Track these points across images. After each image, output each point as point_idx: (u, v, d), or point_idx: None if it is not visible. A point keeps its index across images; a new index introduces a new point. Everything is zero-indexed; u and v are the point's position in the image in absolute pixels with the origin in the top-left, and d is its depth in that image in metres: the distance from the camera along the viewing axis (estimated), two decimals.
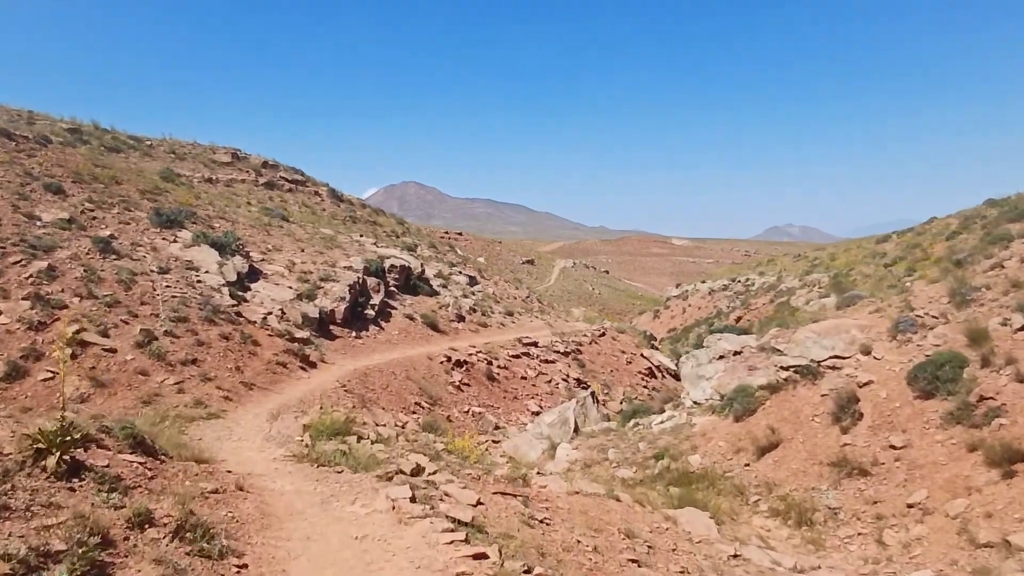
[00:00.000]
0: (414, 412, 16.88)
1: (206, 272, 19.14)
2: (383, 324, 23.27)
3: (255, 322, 17.41)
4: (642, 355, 31.87)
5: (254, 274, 21.31)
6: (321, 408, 12.41)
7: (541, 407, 22.29)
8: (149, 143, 43.39)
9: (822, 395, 13.44)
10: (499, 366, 23.28)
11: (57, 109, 36.14)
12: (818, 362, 14.25)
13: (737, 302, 69.74)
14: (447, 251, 49.85)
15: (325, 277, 22.85)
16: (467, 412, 19.24)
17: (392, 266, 27.44)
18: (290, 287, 21.37)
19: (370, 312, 23.01)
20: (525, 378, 23.82)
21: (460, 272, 34.77)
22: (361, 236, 33.27)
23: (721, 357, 16.50)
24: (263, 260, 22.86)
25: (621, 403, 26.46)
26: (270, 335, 17.00)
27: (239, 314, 17.45)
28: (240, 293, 19.18)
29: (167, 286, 16.70)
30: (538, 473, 13.22)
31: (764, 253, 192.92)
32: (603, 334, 31.75)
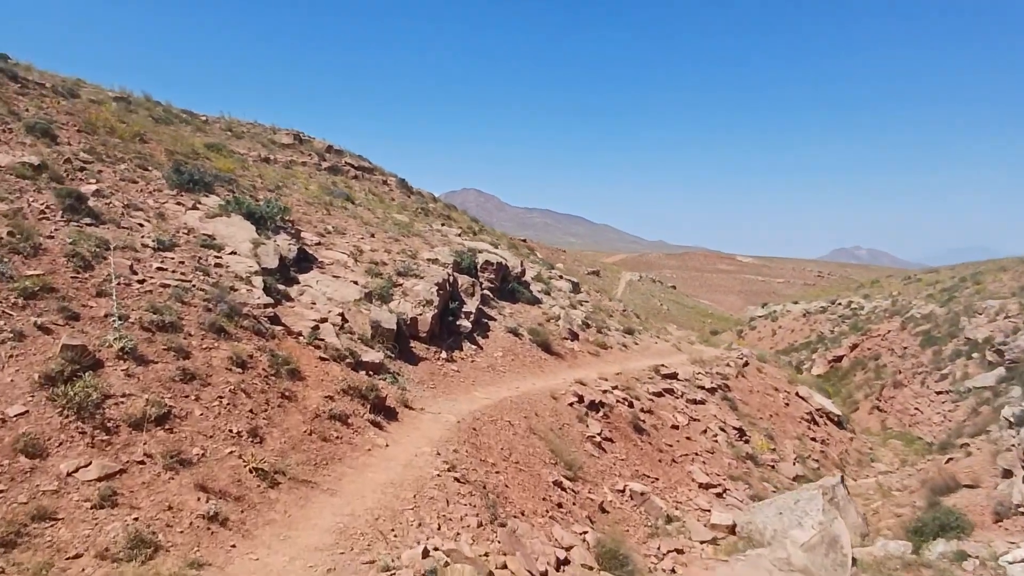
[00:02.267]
0: (559, 505, 9.66)
1: (231, 253, 12.34)
2: (480, 341, 16.20)
3: (299, 334, 10.50)
4: (797, 394, 24.17)
5: (305, 261, 14.50)
6: (424, 549, 5.31)
7: (708, 475, 14.93)
8: (204, 119, 37.49)
9: None
10: (642, 409, 15.98)
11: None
12: None
13: (844, 326, 61.00)
14: (528, 253, 42.75)
15: (404, 271, 15.92)
16: (622, 492, 11.96)
17: (487, 263, 20.39)
18: (355, 282, 14.49)
19: (464, 323, 15.95)
20: (676, 427, 16.45)
21: (560, 276, 27.61)
22: (443, 225, 26.43)
23: None
24: (319, 244, 16.06)
25: (794, 463, 18.88)
26: (323, 359, 10.03)
27: (275, 320, 10.58)
28: (282, 287, 12.36)
29: (159, 268, 9.92)
30: None
31: (837, 275, 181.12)
32: (746, 363, 24.16)
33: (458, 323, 15.83)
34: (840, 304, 69.90)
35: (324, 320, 11.75)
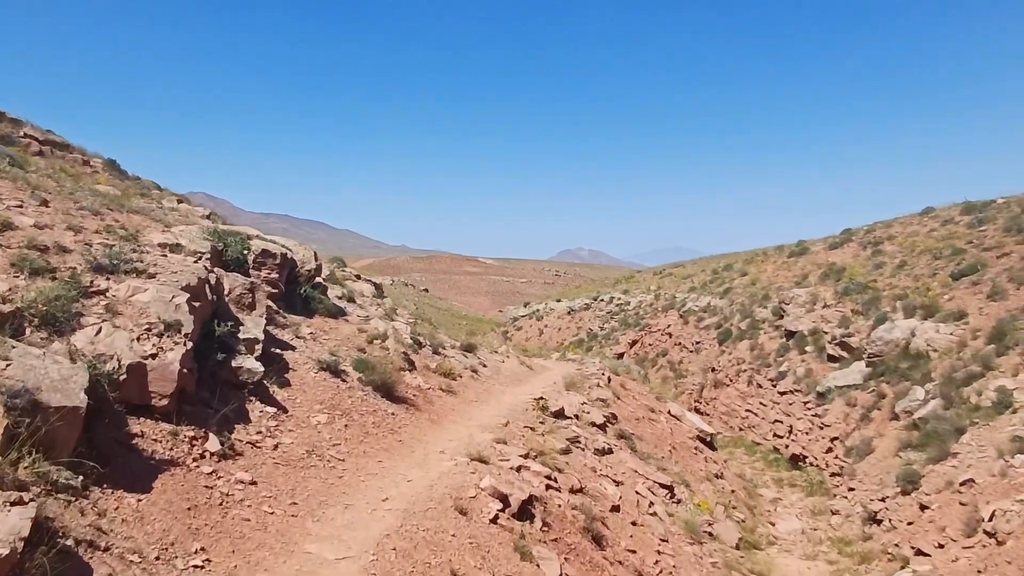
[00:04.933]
0: None
1: None
2: (280, 395, 8.22)
3: None
4: (670, 413, 19.00)
5: None
6: None
7: None
8: None
9: None
10: (573, 489, 9.18)
11: None
12: None
13: (614, 322, 59.62)
14: None
15: (111, 264, 7.38)
16: None
17: (266, 254, 12.06)
18: None
19: (250, 365, 7.82)
20: (617, 508, 9.92)
21: (358, 276, 19.69)
22: (180, 203, 17.20)
23: None
24: None
25: (725, 518, 13.30)
26: None
27: None
28: None
29: None
30: None
31: (572, 273, 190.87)
32: (609, 380, 18.44)
33: (236, 366, 7.69)
34: (603, 300, 69.07)
35: None
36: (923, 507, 12.18)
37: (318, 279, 14.41)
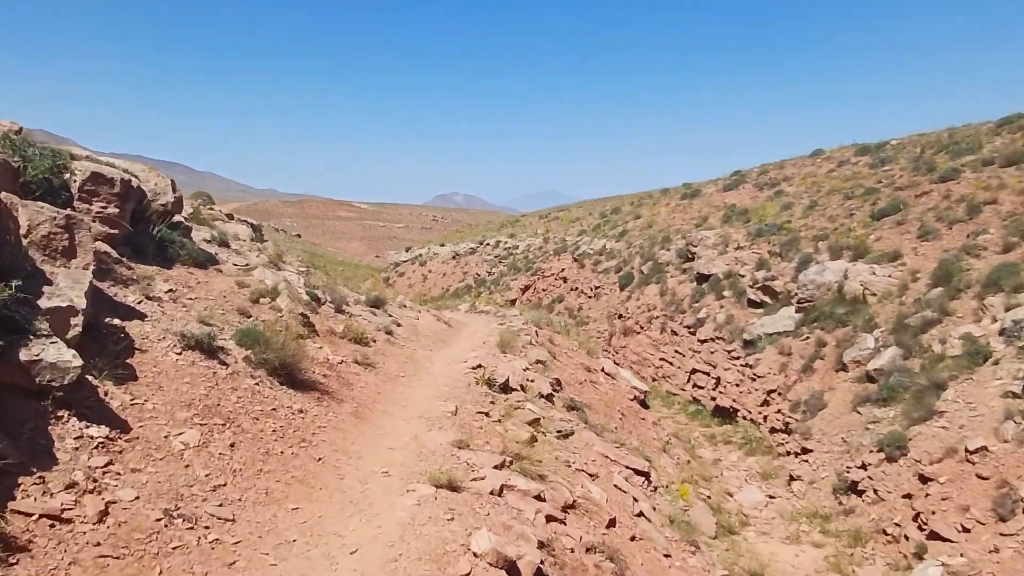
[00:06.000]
0: None
1: None
2: (116, 401, 4.92)
3: None
4: (604, 371, 16.72)
5: None
6: None
7: None
8: None
9: None
10: (566, 506, 6.53)
11: None
12: None
13: (502, 267, 57.31)
14: None
15: None
16: None
17: (98, 179, 8.28)
18: None
19: (53, 357, 4.48)
20: (613, 523, 7.37)
21: (231, 216, 15.73)
22: None
23: None
24: None
25: (695, 493, 11.17)
26: None
27: None
28: None
29: None
30: None
31: (449, 218, 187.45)
32: (536, 335, 15.86)
33: (27, 360, 4.27)
34: (489, 244, 66.58)
35: None
36: (924, 479, 10.53)
37: (178, 217, 10.63)
